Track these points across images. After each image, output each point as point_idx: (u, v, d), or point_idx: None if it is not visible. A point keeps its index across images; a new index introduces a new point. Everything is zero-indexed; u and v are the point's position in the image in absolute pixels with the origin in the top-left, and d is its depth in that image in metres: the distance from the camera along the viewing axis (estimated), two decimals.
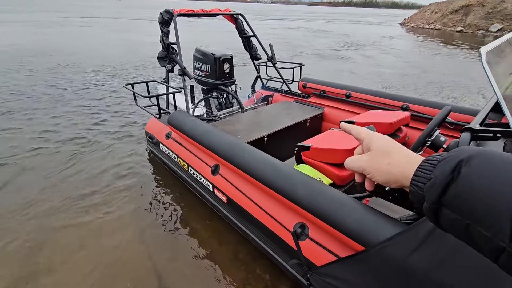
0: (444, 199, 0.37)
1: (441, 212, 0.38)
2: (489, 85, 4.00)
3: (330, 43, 13.57)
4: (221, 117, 3.08)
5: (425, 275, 0.99)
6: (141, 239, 2.04)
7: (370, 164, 0.50)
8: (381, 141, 0.51)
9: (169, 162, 2.55)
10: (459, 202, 0.35)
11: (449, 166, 0.38)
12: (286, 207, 1.57)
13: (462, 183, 0.35)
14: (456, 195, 0.36)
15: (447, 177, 0.37)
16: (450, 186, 0.37)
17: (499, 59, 1.15)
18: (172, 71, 2.88)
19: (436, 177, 0.39)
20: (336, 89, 3.07)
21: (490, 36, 18.23)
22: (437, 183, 0.38)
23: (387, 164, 0.48)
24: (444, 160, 0.39)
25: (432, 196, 0.38)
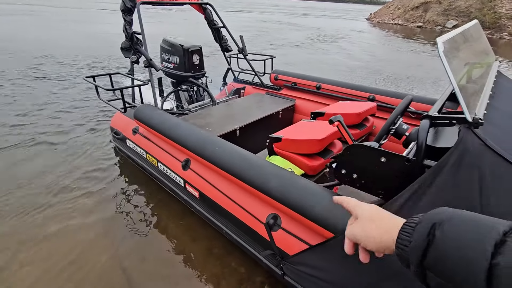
0: (426, 262, 0.38)
1: (427, 275, 0.38)
2: (443, 76, 4.24)
3: (303, 36, 13.74)
4: (191, 110, 2.99)
5: (390, 257, 1.03)
6: (109, 241, 1.94)
7: (361, 233, 0.52)
8: (369, 210, 0.54)
9: (137, 159, 2.43)
10: (440, 266, 0.36)
11: (424, 229, 0.39)
12: (258, 199, 1.56)
13: (438, 247, 0.36)
14: (435, 259, 0.36)
15: (424, 241, 0.38)
16: (428, 249, 0.37)
17: (455, 51, 1.21)
18: (137, 63, 2.73)
19: (415, 239, 0.40)
20: (307, 81, 3.10)
21: (447, 32, 19.47)
22: (416, 246, 0.39)
23: (376, 230, 0.49)
24: (420, 224, 0.40)
25: (415, 259, 0.39)
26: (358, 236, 0.52)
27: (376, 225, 0.50)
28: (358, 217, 0.54)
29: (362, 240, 0.51)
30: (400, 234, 0.43)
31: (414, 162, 1.09)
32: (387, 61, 9.04)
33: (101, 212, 2.20)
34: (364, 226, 0.51)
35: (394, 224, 0.47)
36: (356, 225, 0.53)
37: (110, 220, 2.12)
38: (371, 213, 0.52)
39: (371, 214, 0.52)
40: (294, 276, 1.41)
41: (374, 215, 0.52)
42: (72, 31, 11.13)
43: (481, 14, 18.96)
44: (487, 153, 0.95)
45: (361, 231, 0.52)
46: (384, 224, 0.49)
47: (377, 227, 0.49)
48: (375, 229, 0.49)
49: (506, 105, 1.31)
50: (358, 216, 0.54)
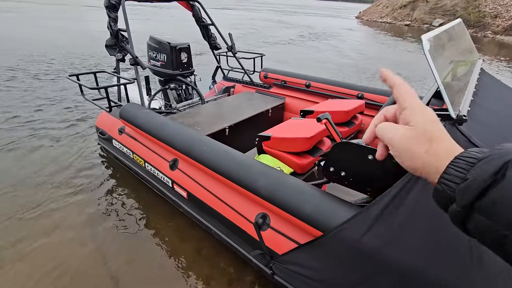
0: (479, 203, 0.32)
1: (472, 217, 0.33)
2: (430, 75, 4.31)
3: (294, 34, 13.77)
4: (180, 109, 2.94)
5: (377, 254, 1.04)
6: (95, 243, 1.89)
7: (403, 144, 0.41)
8: (426, 122, 0.41)
9: (124, 159, 2.38)
10: (498, 209, 0.31)
11: (492, 167, 0.32)
12: (247, 199, 1.55)
13: (507, 188, 0.31)
14: (496, 201, 0.31)
15: (487, 179, 0.32)
16: (489, 190, 0.32)
17: (440, 48, 1.22)
18: (123, 61, 2.67)
19: (474, 178, 0.33)
20: (297, 79, 3.10)
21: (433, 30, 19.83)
22: (475, 185, 0.33)
23: (424, 152, 0.39)
24: (486, 159, 0.34)
25: (466, 199, 0.33)
26: (395, 144, 0.41)
27: (428, 146, 0.39)
28: (410, 123, 0.41)
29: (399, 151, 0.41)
30: (450, 169, 0.36)
31: None
32: (376, 59, 9.14)
33: (87, 214, 2.14)
34: (412, 139, 0.40)
35: (450, 151, 0.38)
36: (401, 131, 0.42)
37: (96, 222, 2.06)
38: (428, 127, 0.40)
39: (427, 128, 0.40)
40: (284, 275, 1.40)
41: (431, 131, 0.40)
42: (56, 28, 10.83)
43: (466, 13, 19.41)
44: None
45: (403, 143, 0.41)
46: (438, 148, 0.39)
47: (427, 149, 0.39)
48: (424, 150, 0.39)
49: (489, 102, 1.33)
50: (411, 122, 0.41)
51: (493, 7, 18.71)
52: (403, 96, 0.44)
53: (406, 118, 0.42)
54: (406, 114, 0.42)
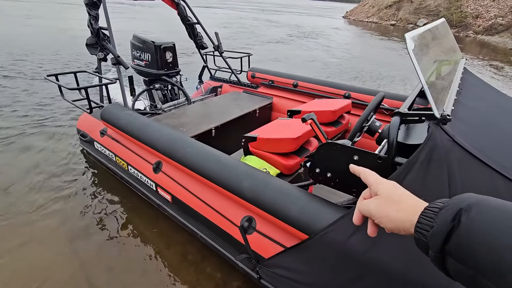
0: (448, 247, 0.37)
1: (447, 261, 0.37)
2: (413, 74, 4.37)
3: (284, 33, 13.80)
4: (165, 110, 2.87)
5: (362, 256, 1.02)
6: (74, 250, 1.80)
7: (378, 210, 0.49)
8: (389, 188, 0.50)
9: (106, 162, 2.30)
10: (462, 252, 0.35)
11: (449, 214, 0.37)
12: (232, 202, 1.51)
13: (463, 233, 0.35)
14: (458, 245, 0.35)
15: (448, 226, 0.37)
16: (452, 234, 0.36)
17: (424, 48, 1.22)
18: (105, 60, 2.58)
19: (438, 225, 0.38)
20: (284, 78, 3.08)
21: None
22: (439, 231, 0.37)
23: (396, 212, 0.46)
24: (445, 208, 0.39)
25: (436, 244, 0.38)
26: (374, 213, 0.49)
27: (397, 206, 0.47)
28: (377, 193, 0.51)
29: (378, 217, 0.49)
30: (421, 218, 0.42)
31: (386, 160, 1.08)
32: (361, 59, 9.25)
33: (65, 219, 2.05)
34: (383, 205, 0.49)
35: (415, 206, 0.45)
36: (374, 201, 0.50)
37: (75, 228, 1.98)
38: (392, 192, 0.49)
39: (391, 193, 0.49)
40: (270, 279, 1.37)
41: (395, 195, 0.49)
42: (35, 27, 10.46)
43: (448, 13, 19.95)
44: (455, 148, 0.95)
45: (379, 209, 0.49)
46: (405, 206, 0.46)
47: (397, 209, 0.47)
48: (395, 210, 0.47)
49: (473, 101, 1.34)
50: (378, 192, 0.51)
51: (474, 8, 19.28)
52: (367, 177, 0.55)
53: (375, 191, 0.52)
54: (373, 189, 0.52)
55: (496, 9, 18.34)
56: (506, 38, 15.03)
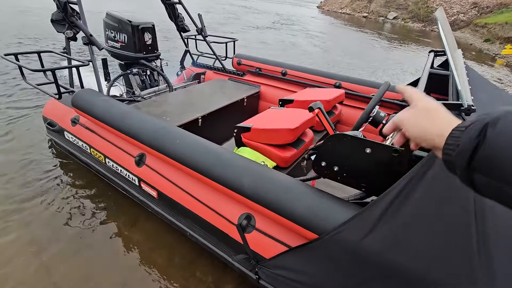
0: (474, 164, 0.37)
1: (474, 177, 0.37)
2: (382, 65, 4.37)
3: (268, 20, 13.55)
4: (145, 97, 2.64)
5: (379, 257, 0.94)
6: (41, 258, 1.58)
7: (409, 118, 0.50)
8: (427, 102, 0.51)
9: (79, 154, 2.06)
10: (488, 165, 0.35)
11: (474, 131, 0.37)
12: (228, 198, 1.38)
13: (489, 146, 0.35)
14: (484, 159, 0.35)
15: (473, 142, 0.37)
16: (477, 150, 0.36)
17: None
18: (74, 39, 2.27)
19: (463, 142, 0.38)
20: (272, 66, 2.94)
21: (388, 23, 20.86)
22: (464, 148, 0.38)
23: (427, 124, 0.47)
24: (471, 126, 0.39)
25: (462, 161, 0.38)
26: (405, 121, 0.50)
27: (431, 117, 0.47)
28: (416, 104, 0.51)
29: (409, 125, 0.50)
30: (449, 139, 0.42)
31: (402, 153, 1.01)
32: (337, 49, 9.32)
33: (32, 223, 1.80)
34: (418, 114, 0.50)
35: (448, 124, 0.44)
36: (409, 111, 0.51)
37: (44, 233, 1.74)
38: (429, 105, 0.50)
39: (429, 106, 0.49)
40: (271, 280, 1.28)
41: (432, 108, 0.49)
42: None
43: (416, 8, 20.72)
44: None
45: (412, 117, 0.50)
46: (439, 120, 0.46)
47: (430, 120, 0.47)
48: (428, 121, 0.47)
49: (478, 93, 1.30)
50: (417, 105, 0.51)
51: (439, 3, 20.15)
52: (409, 94, 0.55)
53: (412, 103, 0.53)
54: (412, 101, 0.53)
55: (459, 6, 19.31)
56: (467, 33, 15.87)
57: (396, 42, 12.12)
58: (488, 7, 18.17)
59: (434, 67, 1.78)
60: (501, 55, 10.68)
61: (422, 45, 12.33)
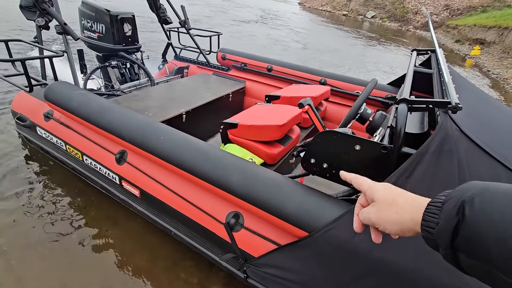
0: (456, 243, 0.34)
1: (459, 257, 0.35)
2: (361, 63, 4.44)
3: (254, 15, 13.43)
4: (124, 91, 2.52)
5: (369, 254, 0.96)
6: (11, 264, 1.47)
7: (379, 216, 0.47)
8: (383, 191, 0.48)
9: (54, 151, 1.93)
10: (472, 246, 0.33)
11: (452, 209, 0.35)
12: (216, 196, 1.35)
13: (469, 227, 0.33)
14: (466, 239, 0.33)
15: (452, 221, 0.34)
16: (458, 229, 0.34)
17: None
18: (46, 28, 2.11)
19: (443, 220, 0.36)
20: (257, 61, 2.91)
21: (367, 21, 21.40)
22: (444, 227, 0.35)
23: (395, 213, 0.44)
24: (447, 202, 0.37)
25: (444, 241, 0.36)
26: (375, 220, 0.47)
27: (397, 208, 0.45)
28: (374, 200, 0.49)
29: (380, 224, 0.46)
30: (425, 216, 0.39)
31: (391, 150, 1.02)
32: (316, 44, 9.43)
33: (3, 224, 1.67)
34: (382, 210, 0.46)
35: (417, 205, 0.42)
36: (373, 209, 0.48)
37: (16, 235, 1.62)
38: (388, 196, 0.47)
39: (388, 196, 0.47)
40: (259, 279, 1.26)
41: (392, 197, 0.46)
42: None
43: (393, 8, 21.39)
44: (462, 139, 0.92)
45: (379, 215, 0.47)
46: (405, 207, 0.44)
47: (397, 211, 0.44)
48: (395, 213, 0.44)
49: (462, 92, 1.35)
50: (375, 199, 0.48)
51: (414, 4, 20.92)
52: (361, 183, 0.53)
53: (370, 198, 0.50)
54: (368, 195, 0.50)
55: (432, 7, 20.13)
56: (439, 34, 16.58)
57: (374, 41, 12.45)
58: (458, 10, 19.07)
59: (416, 65, 1.82)
60: (470, 55, 11.25)
61: (399, 44, 12.74)
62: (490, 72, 8.86)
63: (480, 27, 13.14)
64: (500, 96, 6.60)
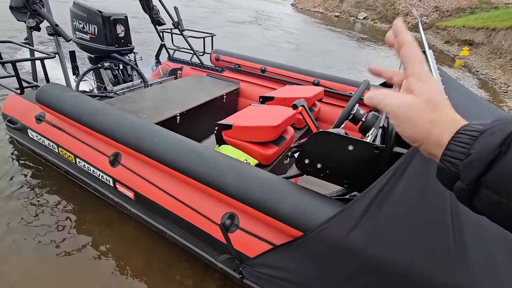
0: (485, 178, 0.31)
1: (479, 193, 0.32)
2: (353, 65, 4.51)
3: (249, 16, 13.47)
4: (118, 93, 2.51)
5: (364, 252, 0.97)
6: (5, 270, 1.45)
7: (405, 112, 0.37)
8: (432, 89, 0.37)
9: (46, 154, 1.90)
10: (505, 183, 0.30)
11: (495, 139, 0.31)
12: (211, 197, 1.35)
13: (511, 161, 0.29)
14: (502, 175, 0.30)
15: (492, 152, 0.30)
16: (495, 163, 0.30)
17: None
18: (37, 29, 2.09)
19: (477, 152, 0.31)
20: (251, 63, 2.92)
21: (359, 22, 21.67)
22: (479, 159, 0.31)
23: (428, 122, 0.36)
24: (489, 131, 0.32)
25: (471, 174, 0.32)
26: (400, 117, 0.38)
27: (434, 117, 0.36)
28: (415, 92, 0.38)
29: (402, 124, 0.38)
30: (452, 145, 0.34)
31: (383, 150, 1.04)
32: (307, 45, 9.51)
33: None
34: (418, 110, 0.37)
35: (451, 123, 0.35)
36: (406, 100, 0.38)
37: (7, 240, 1.59)
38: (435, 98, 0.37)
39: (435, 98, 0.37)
40: (255, 279, 1.27)
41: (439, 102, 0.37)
42: None
43: (384, 9, 21.73)
44: None
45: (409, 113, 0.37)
46: (442, 119, 0.36)
47: (431, 118, 0.36)
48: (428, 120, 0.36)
49: (449, 90, 1.38)
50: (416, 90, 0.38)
51: (405, 6, 21.28)
52: (411, 60, 0.40)
53: (411, 85, 0.39)
54: (412, 81, 0.39)
55: (422, 9, 20.50)
56: (429, 35, 16.92)
57: (367, 42, 12.60)
58: (448, 11, 19.46)
59: None
60: (459, 56, 11.48)
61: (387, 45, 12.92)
62: (478, 72, 9.05)
63: (468, 28, 13.43)
64: (489, 96, 6.75)
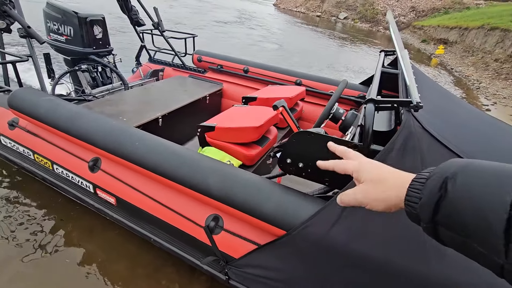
0: (438, 217, 0.36)
1: (438, 230, 0.37)
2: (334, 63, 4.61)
3: (233, 16, 13.42)
4: (97, 96, 2.44)
5: (345, 248, 1.00)
6: None
7: (366, 196, 0.49)
8: (371, 171, 0.50)
9: (21, 161, 1.83)
10: (452, 220, 0.35)
11: (435, 184, 0.37)
12: (194, 200, 1.34)
13: (450, 202, 0.35)
14: (447, 214, 0.35)
15: (435, 196, 0.37)
16: (440, 204, 0.36)
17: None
18: (8, 31, 2.00)
19: (425, 196, 0.38)
20: (234, 63, 2.92)
21: (340, 22, 22.12)
22: (427, 202, 0.37)
23: (382, 192, 0.47)
24: (431, 178, 0.38)
25: (425, 215, 0.38)
26: (365, 202, 0.49)
27: (384, 187, 0.47)
28: (362, 180, 0.51)
29: (368, 203, 0.49)
30: (409, 191, 0.42)
31: (361, 148, 1.07)
32: (289, 44, 9.62)
33: None
34: (370, 190, 0.49)
35: (402, 182, 0.44)
36: (361, 190, 0.50)
37: None
38: (377, 175, 0.49)
39: (375, 177, 0.49)
40: (241, 280, 1.27)
41: (379, 177, 0.49)
42: None
43: (364, 9, 22.28)
44: (425, 135, 0.99)
45: (369, 196, 0.49)
46: (392, 185, 0.46)
47: (384, 190, 0.47)
48: (381, 191, 0.47)
49: (424, 90, 1.44)
50: (362, 179, 0.51)
51: (383, 6, 21.92)
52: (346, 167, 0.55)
53: (357, 179, 0.52)
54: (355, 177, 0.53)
55: (400, 9, 21.19)
56: (407, 34, 17.55)
57: (347, 41, 12.88)
58: (423, 11, 20.19)
59: (385, 66, 1.91)
60: (435, 54, 11.95)
61: (369, 44, 13.26)
62: (453, 70, 9.45)
63: (443, 27, 13.99)
64: (463, 93, 7.06)
